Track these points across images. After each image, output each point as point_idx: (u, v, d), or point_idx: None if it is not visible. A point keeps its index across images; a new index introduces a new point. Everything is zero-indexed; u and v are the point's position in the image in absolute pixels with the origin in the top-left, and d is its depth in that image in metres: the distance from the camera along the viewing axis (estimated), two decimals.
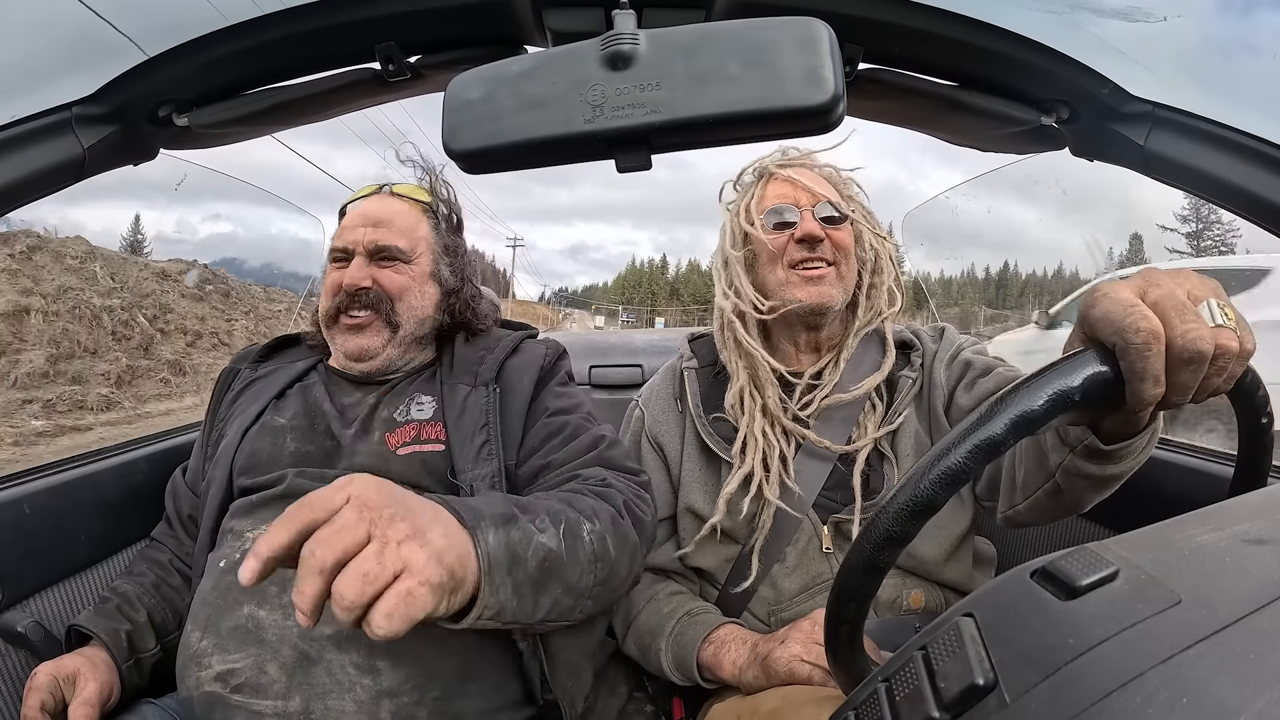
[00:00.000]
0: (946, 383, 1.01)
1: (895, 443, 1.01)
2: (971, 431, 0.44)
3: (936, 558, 0.97)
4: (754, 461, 0.98)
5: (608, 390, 1.76)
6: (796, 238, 1.01)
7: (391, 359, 1.04)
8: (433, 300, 1.06)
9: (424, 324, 1.06)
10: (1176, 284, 0.48)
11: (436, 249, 1.08)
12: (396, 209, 1.07)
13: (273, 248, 23.37)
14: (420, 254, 1.06)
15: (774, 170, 1.08)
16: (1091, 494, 0.71)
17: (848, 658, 0.53)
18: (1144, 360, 0.45)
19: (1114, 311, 0.46)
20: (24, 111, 0.72)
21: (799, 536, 0.99)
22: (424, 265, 1.06)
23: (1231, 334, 0.46)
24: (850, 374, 1.04)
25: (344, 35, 0.75)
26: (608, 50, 0.52)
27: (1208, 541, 0.36)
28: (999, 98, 0.81)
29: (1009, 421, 0.44)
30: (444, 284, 1.08)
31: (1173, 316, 0.46)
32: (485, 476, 0.92)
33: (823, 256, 1.01)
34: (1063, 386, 0.45)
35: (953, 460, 0.44)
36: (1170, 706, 0.27)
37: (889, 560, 0.47)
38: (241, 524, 0.93)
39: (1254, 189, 0.71)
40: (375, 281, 1.02)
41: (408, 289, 1.03)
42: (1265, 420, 0.54)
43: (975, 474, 0.45)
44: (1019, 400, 0.44)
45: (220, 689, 0.80)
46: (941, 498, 0.44)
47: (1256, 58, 0.80)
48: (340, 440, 0.98)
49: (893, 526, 0.45)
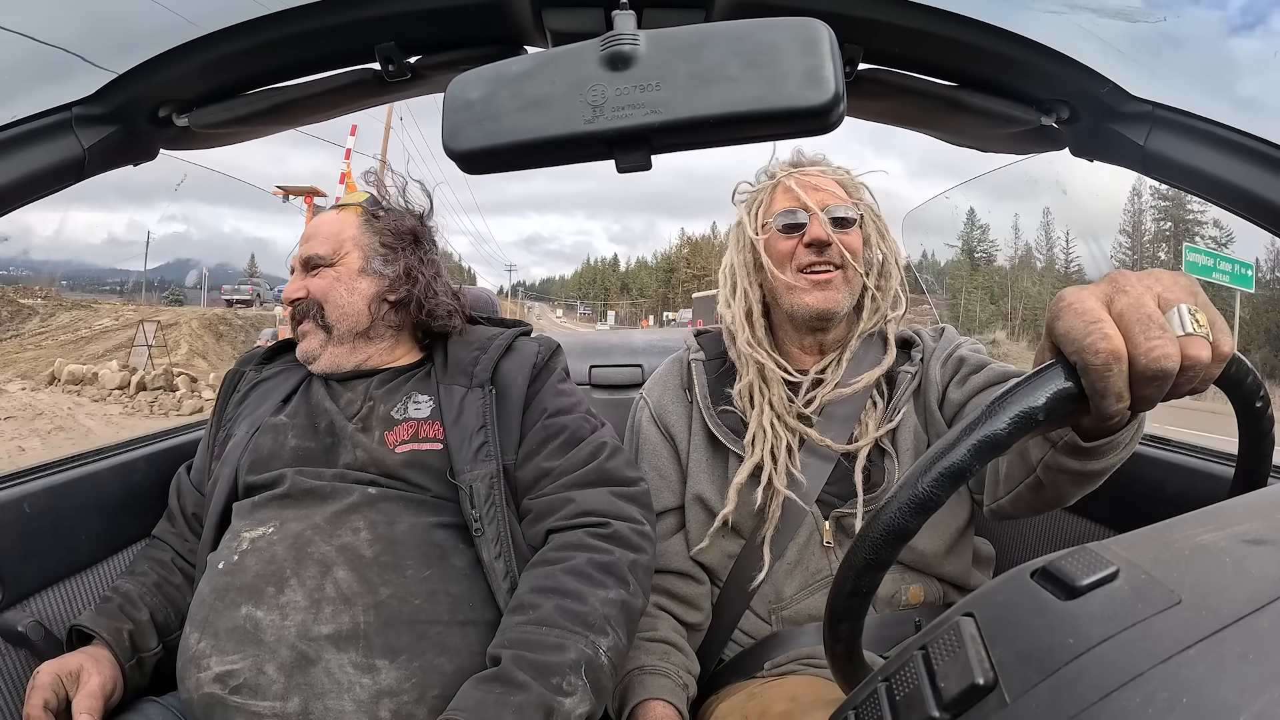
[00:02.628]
0: (941, 379, 1.02)
1: (895, 439, 1.01)
2: (938, 458, 0.43)
3: (936, 551, 0.98)
4: (763, 452, 0.99)
5: (608, 390, 1.76)
6: (805, 241, 1.02)
7: (337, 358, 1.06)
8: (364, 294, 1.06)
9: (359, 319, 1.06)
10: (1145, 288, 0.46)
11: (367, 245, 1.08)
12: (326, 219, 1.11)
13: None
14: (345, 253, 1.07)
15: (785, 174, 1.08)
16: (1073, 488, 0.70)
17: (847, 656, 0.53)
18: (1104, 380, 0.43)
19: (1075, 328, 0.44)
20: (24, 111, 0.72)
21: (800, 531, 1.00)
22: (351, 263, 1.07)
23: (1202, 342, 0.44)
24: (852, 372, 1.05)
25: (344, 35, 0.75)
26: (608, 50, 0.52)
27: (1208, 541, 0.36)
28: (999, 98, 0.81)
29: (971, 446, 0.42)
30: (379, 275, 1.08)
31: (1136, 332, 0.44)
32: (484, 477, 0.93)
33: (830, 260, 1.02)
34: (1027, 406, 0.43)
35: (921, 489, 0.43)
36: (1170, 706, 0.27)
37: (890, 557, 0.47)
38: (240, 524, 0.93)
39: (1254, 189, 0.71)
40: (306, 290, 1.06)
41: (331, 290, 1.06)
42: (1259, 405, 0.53)
43: (945, 499, 0.43)
44: (982, 423, 0.43)
45: (219, 690, 0.80)
46: (914, 525, 0.44)
47: (1256, 57, 0.80)
48: (340, 436, 0.99)
49: (894, 521, 0.45)
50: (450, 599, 0.87)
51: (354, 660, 0.80)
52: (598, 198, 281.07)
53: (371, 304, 1.07)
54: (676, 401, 1.13)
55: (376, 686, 0.79)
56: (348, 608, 0.82)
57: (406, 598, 0.84)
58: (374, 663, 0.80)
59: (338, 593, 0.83)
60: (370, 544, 0.87)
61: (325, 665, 0.79)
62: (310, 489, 0.93)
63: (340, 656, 0.80)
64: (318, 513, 0.90)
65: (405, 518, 0.91)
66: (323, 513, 0.90)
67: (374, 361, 1.08)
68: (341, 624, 0.81)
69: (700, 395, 1.09)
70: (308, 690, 0.78)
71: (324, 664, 0.79)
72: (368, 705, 0.78)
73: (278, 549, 0.87)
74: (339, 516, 0.89)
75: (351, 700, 0.78)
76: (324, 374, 1.07)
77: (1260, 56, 0.79)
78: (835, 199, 1.04)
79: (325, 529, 0.88)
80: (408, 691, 0.80)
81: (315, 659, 0.79)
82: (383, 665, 0.80)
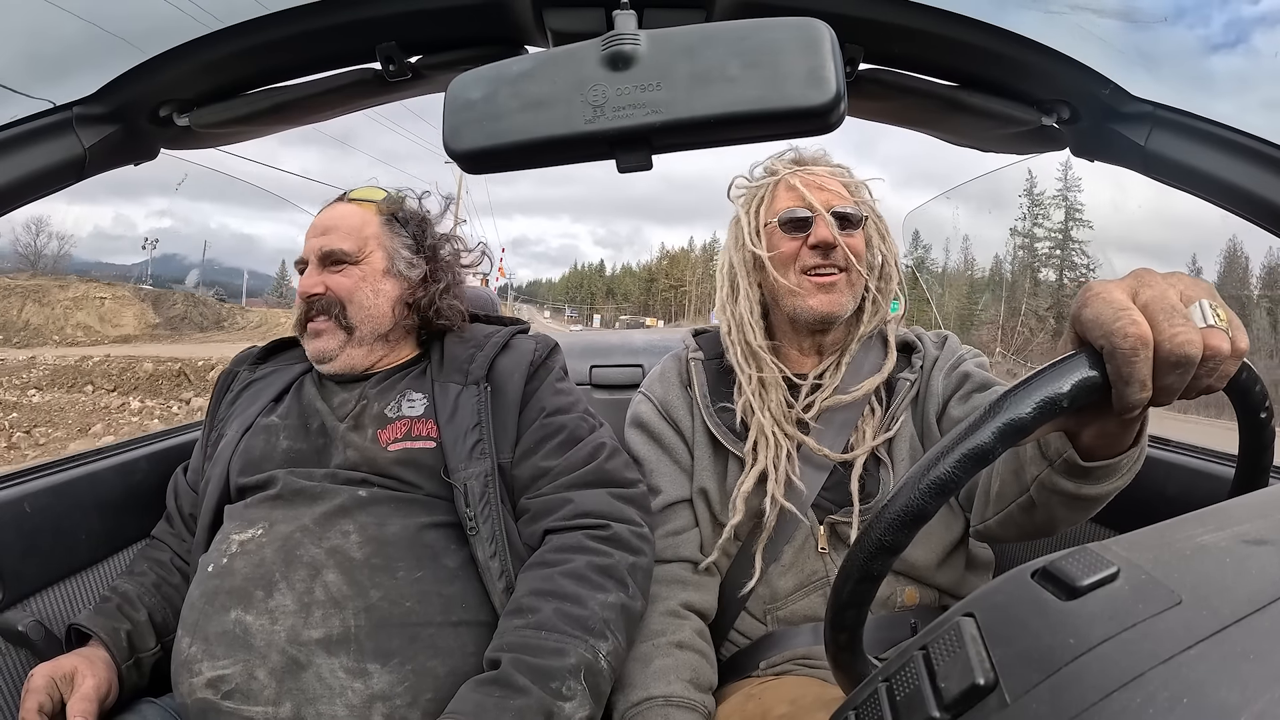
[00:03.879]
0: (943, 392, 1.01)
1: (891, 447, 1.01)
2: (961, 440, 0.44)
3: (929, 563, 0.97)
4: (768, 460, 0.98)
5: (608, 390, 1.76)
6: (810, 243, 1.00)
7: (354, 359, 1.05)
8: (388, 297, 1.06)
9: (382, 321, 1.05)
10: (1169, 285, 0.48)
11: (391, 245, 1.08)
12: (344, 213, 1.08)
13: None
14: (370, 252, 1.06)
15: (789, 170, 1.06)
16: (1064, 512, 0.70)
17: (848, 661, 0.53)
18: (1130, 365, 0.45)
19: (1104, 315, 0.46)
20: (24, 111, 0.72)
21: (796, 536, 1.00)
22: (375, 263, 1.06)
23: (1223, 335, 0.46)
24: (851, 376, 1.04)
25: (344, 35, 0.75)
26: (608, 50, 0.52)
27: (1208, 541, 0.36)
28: (999, 98, 0.81)
29: (996, 429, 0.43)
30: (403, 278, 1.07)
31: (1161, 320, 0.45)
32: (478, 475, 0.92)
33: (835, 263, 1.00)
34: (1052, 392, 0.44)
35: (942, 470, 0.43)
36: (1170, 707, 0.27)
37: (883, 569, 0.47)
38: (230, 526, 0.93)
39: (1254, 189, 0.71)
40: (326, 287, 1.03)
41: (356, 289, 1.04)
42: (1264, 415, 0.54)
43: (964, 482, 0.44)
44: (1007, 407, 0.44)
45: (212, 695, 0.79)
46: (932, 507, 0.44)
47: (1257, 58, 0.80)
48: (332, 436, 0.98)
49: (885, 536, 0.45)
50: (443, 600, 0.86)
51: (345, 664, 0.79)
52: (584, 201, 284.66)
53: (395, 307, 1.06)
54: (680, 398, 1.12)
55: (369, 691, 0.79)
56: (338, 611, 0.82)
57: (398, 600, 0.84)
58: (365, 666, 0.80)
59: (327, 596, 0.82)
60: (360, 546, 0.87)
61: (316, 670, 0.79)
62: (300, 489, 0.92)
63: (331, 661, 0.79)
64: (306, 514, 0.89)
65: (396, 519, 0.90)
66: (311, 514, 0.89)
67: (384, 363, 1.08)
68: (332, 628, 0.81)
69: (700, 394, 1.08)
70: (299, 695, 0.78)
71: (315, 668, 0.79)
72: (360, 710, 0.78)
73: (266, 552, 0.86)
74: (328, 518, 0.89)
75: (344, 705, 0.78)
76: (333, 375, 1.06)
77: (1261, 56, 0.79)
78: (840, 199, 1.02)
79: (314, 531, 0.87)
80: (400, 695, 0.80)
81: (306, 664, 0.79)
82: (374, 669, 0.80)
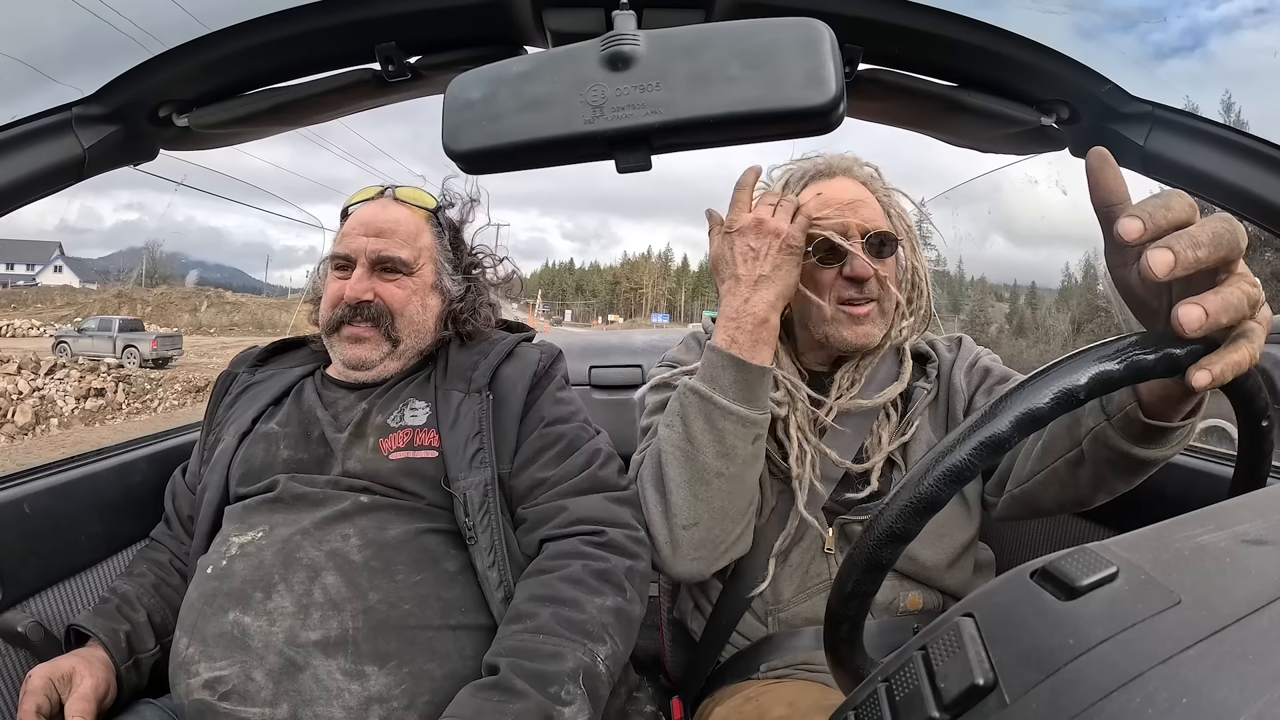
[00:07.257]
0: (967, 387, 1.02)
1: (907, 451, 1.00)
2: (977, 427, 0.44)
3: (939, 564, 0.97)
4: (809, 475, 0.95)
5: (608, 390, 1.76)
6: (847, 275, 0.95)
7: (389, 370, 1.04)
8: (434, 312, 1.05)
9: (424, 337, 1.05)
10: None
11: (439, 259, 1.07)
12: (399, 216, 1.04)
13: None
14: (423, 265, 1.04)
15: (818, 184, 1.00)
16: (1109, 475, 0.72)
17: (848, 656, 0.53)
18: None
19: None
20: (24, 111, 0.72)
21: (805, 538, 0.99)
22: (426, 276, 1.04)
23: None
24: (867, 385, 1.02)
25: (344, 35, 0.75)
26: (608, 51, 0.52)
27: (1208, 541, 0.36)
28: (999, 98, 0.81)
29: (1014, 417, 0.44)
30: (446, 295, 1.07)
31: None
32: (478, 484, 0.92)
33: (870, 296, 0.96)
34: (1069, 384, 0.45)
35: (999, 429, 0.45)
36: (1170, 707, 0.27)
37: (891, 557, 0.47)
38: (230, 528, 0.93)
39: (1254, 189, 0.71)
40: (377, 294, 1.00)
41: (409, 303, 1.02)
42: (1265, 424, 0.54)
43: (979, 470, 0.45)
44: (1025, 396, 0.45)
45: (209, 697, 0.79)
46: (945, 494, 0.44)
47: (1257, 57, 0.80)
48: (333, 446, 0.97)
49: (896, 523, 0.45)
50: (441, 604, 0.86)
51: (342, 666, 0.79)
52: (552, 195, 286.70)
53: (437, 323, 1.06)
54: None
55: (366, 693, 0.79)
56: (336, 613, 0.81)
57: (396, 602, 0.84)
58: (363, 669, 0.79)
59: (326, 598, 0.82)
60: (360, 549, 0.86)
61: (314, 671, 0.78)
62: (301, 494, 0.92)
63: (329, 663, 0.79)
64: (307, 518, 0.89)
65: (396, 524, 0.90)
66: (312, 518, 0.89)
67: (405, 370, 1.06)
68: (330, 630, 0.80)
69: None
70: (296, 697, 0.78)
71: (312, 670, 0.78)
72: (357, 712, 0.78)
73: (266, 554, 0.86)
74: (328, 522, 0.88)
75: (341, 707, 0.78)
76: (361, 383, 1.04)
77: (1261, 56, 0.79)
78: (876, 219, 0.96)
79: (314, 534, 0.87)
80: (398, 698, 0.79)
81: (303, 665, 0.79)
82: (372, 671, 0.79)
